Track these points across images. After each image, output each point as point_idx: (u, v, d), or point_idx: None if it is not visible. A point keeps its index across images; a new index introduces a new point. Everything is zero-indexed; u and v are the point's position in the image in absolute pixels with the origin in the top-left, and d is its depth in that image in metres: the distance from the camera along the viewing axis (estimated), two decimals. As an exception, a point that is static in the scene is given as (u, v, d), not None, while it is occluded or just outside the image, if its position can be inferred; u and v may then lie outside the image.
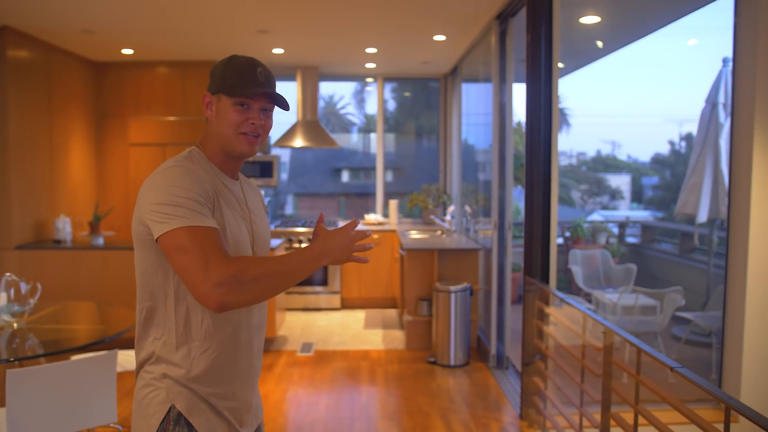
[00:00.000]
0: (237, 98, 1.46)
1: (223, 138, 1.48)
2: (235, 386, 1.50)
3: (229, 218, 1.46)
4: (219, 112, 1.48)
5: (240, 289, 1.28)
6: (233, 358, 1.49)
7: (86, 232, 5.52)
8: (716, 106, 5.31)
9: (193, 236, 1.31)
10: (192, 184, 1.39)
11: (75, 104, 6.09)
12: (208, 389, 1.44)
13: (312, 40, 5.67)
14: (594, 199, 29.32)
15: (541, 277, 3.79)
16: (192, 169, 1.44)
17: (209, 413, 1.44)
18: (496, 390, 4.39)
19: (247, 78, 1.46)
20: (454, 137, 7.11)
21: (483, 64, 5.63)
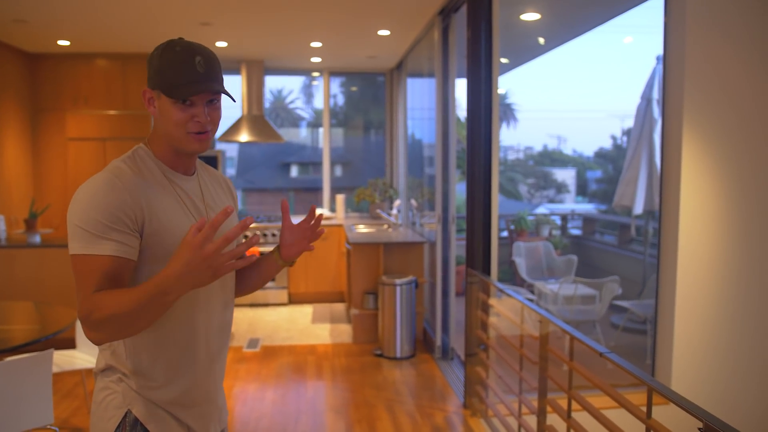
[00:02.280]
0: (177, 98, 1.35)
1: (170, 138, 1.39)
2: (194, 393, 1.44)
3: (169, 223, 1.37)
4: (161, 111, 1.38)
5: (93, 329, 1.23)
6: (189, 365, 1.43)
7: (22, 229, 5.33)
8: (651, 102, 5.52)
9: (80, 265, 1.27)
10: (110, 201, 1.29)
11: (8, 97, 5.86)
12: (164, 397, 1.40)
13: (256, 34, 5.61)
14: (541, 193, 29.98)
15: (483, 269, 3.87)
16: (121, 176, 1.34)
17: (167, 419, 1.40)
18: (441, 381, 4.46)
19: (186, 73, 1.34)
20: (400, 132, 7.16)
21: (427, 59, 5.69)
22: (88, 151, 6.27)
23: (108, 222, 1.27)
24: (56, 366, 3.36)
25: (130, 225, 1.30)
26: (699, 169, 3.37)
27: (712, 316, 3.42)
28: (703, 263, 3.42)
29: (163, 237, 1.34)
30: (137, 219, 1.31)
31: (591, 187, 31.07)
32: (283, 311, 6.57)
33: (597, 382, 2.13)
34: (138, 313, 1.19)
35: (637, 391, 3.70)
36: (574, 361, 2.39)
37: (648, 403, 1.85)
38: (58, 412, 3.84)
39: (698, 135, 3.36)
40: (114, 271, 1.27)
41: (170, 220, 1.37)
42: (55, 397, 4.08)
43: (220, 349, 1.52)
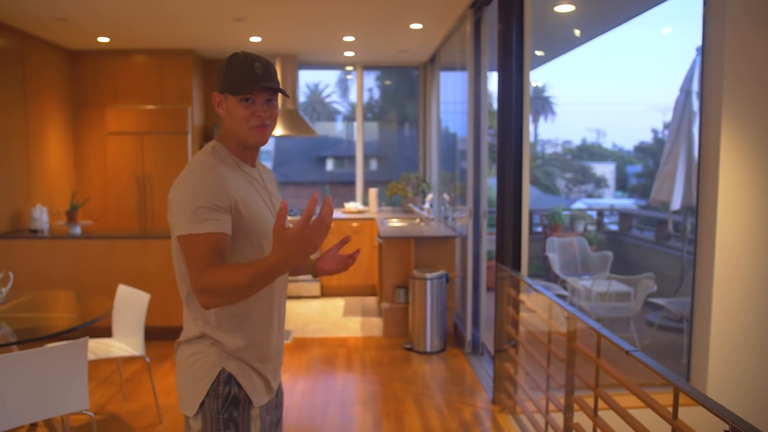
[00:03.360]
0: (241, 95, 1.60)
1: (237, 133, 1.64)
2: (270, 351, 1.72)
3: (252, 206, 1.63)
4: (229, 110, 1.63)
5: (210, 296, 1.50)
6: (266, 328, 1.71)
7: (63, 221, 5.49)
8: (690, 94, 5.38)
9: (192, 243, 1.51)
10: (208, 189, 1.55)
11: (51, 93, 6.04)
12: (248, 355, 1.67)
13: (289, 29, 5.66)
14: (579, 188, 29.48)
15: (513, 264, 3.84)
16: (213, 169, 1.59)
17: (252, 374, 1.67)
18: (471, 376, 4.45)
19: (247, 75, 1.59)
20: (433, 125, 7.13)
21: (460, 53, 5.65)
22: (126, 145, 6.42)
23: (210, 205, 1.53)
24: (93, 354, 3.46)
25: (225, 207, 1.56)
26: (737, 163, 3.27)
27: (751, 314, 3.32)
28: (742, 260, 3.33)
29: (247, 215, 1.61)
30: (230, 202, 1.57)
31: (631, 182, 30.42)
32: (315, 304, 6.63)
33: (623, 380, 2.10)
34: (250, 286, 1.47)
35: (668, 390, 3.63)
36: (603, 359, 2.35)
37: (674, 404, 1.82)
38: (95, 399, 3.96)
39: (737, 128, 3.27)
40: (219, 245, 1.53)
41: (251, 202, 1.64)
42: (92, 383, 4.21)
43: (283, 313, 1.82)
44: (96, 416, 3.72)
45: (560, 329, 2.85)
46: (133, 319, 3.63)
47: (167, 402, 3.92)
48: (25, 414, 2.63)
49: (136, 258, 5.15)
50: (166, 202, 1.64)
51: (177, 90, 6.51)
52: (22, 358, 2.57)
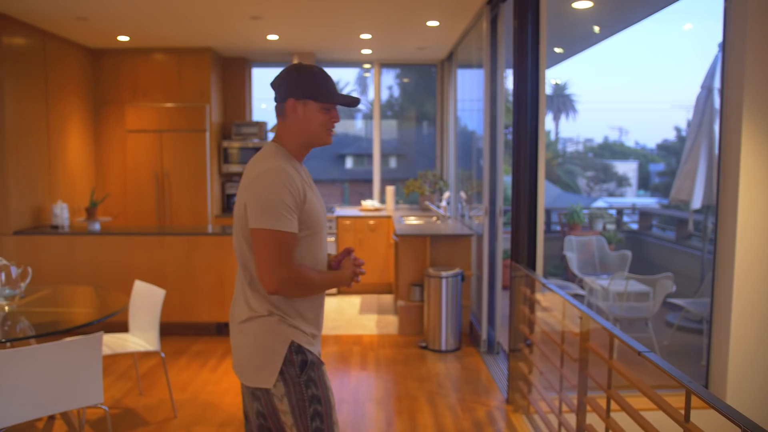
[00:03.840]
0: (326, 104, 1.87)
1: (309, 134, 1.88)
2: (321, 322, 2.01)
3: (313, 201, 1.88)
4: (307, 115, 1.86)
5: (293, 289, 1.82)
6: (320, 309, 2.00)
7: (83, 217, 5.57)
8: (712, 91, 5.29)
9: (274, 238, 1.76)
10: (287, 190, 1.78)
11: (72, 91, 6.12)
12: (310, 330, 1.93)
13: (305, 27, 5.67)
14: (600, 186, 29.14)
15: (528, 263, 3.80)
16: (286, 170, 1.80)
17: (313, 344, 1.93)
18: (486, 375, 4.42)
19: (332, 86, 1.88)
20: (450, 123, 7.10)
21: (477, 50, 5.61)
22: (145, 143, 6.49)
23: (292, 205, 1.78)
24: (109, 348, 3.51)
25: (298, 207, 1.81)
26: (759, 162, 3.21)
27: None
28: (763, 260, 3.27)
29: (311, 208, 1.86)
30: (300, 203, 1.81)
31: (653, 181, 29.99)
32: (332, 301, 6.65)
33: (635, 381, 2.07)
34: (317, 289, 1.90)
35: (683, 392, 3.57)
36: (619, 360, 2.32)
37: (686, 407, 1.78)
38: (112, 393, 4.01)
39: (758, 125, 3.20)
40: (292, 246, 1.80)
41: (312, 201, 1.87)
42: (109, 378, 4.27)
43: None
44: (112, 410, 3.76)
45: (573, 329, 2.82)
46: (148, 314, 3.67)
47: (182, 397, 3.96)
48: (41, 407, 2.67)
49: (153, 254, 5.20)
50: (238, 196, 1.88)
51: (195, 88, 6.56)
52: (38, 352, 2.61)
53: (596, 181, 29.11)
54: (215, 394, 4.02)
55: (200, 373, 4.40)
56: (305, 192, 1.83)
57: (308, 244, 1.88)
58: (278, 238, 1.76)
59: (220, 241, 5.22)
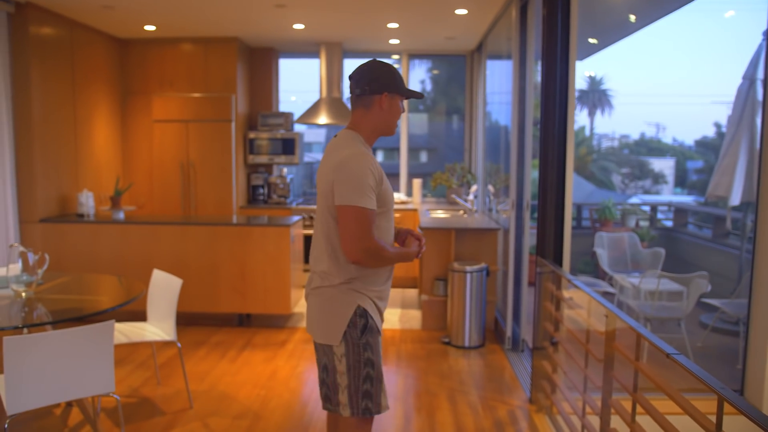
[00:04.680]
0: (402, 98, 2.18)
1: (387, 125, 2.17)
2: (387, 293, 2.26)
3: (387, 183, 2.16)
4: (392, 107, 2.16)
5: (372, 259, 2.10)
6: (389, 278, 2.25)
7: (108, 206, 5.59)
8: (754, 82, 5.05)
9: (359, 214, 2.04)
10: (370, 172, 2.06)
11: (99, 80, 6.15)
12: (376, 295, 2.20)
13: (331, 15, 5.58)
14: (636, 183, 28.47)
15: (554, 259, 3.66)
16: (368, 156, 2.09)
17: (375, 308, 2.19)
18: (509, 373, 4.29)
19: (402, 81, 2.19)
20: (479, 115, 6.95)
21: (507, 40, 5.46)
22: (171, 133, 6.49)
23: (373, 185, 2.06)
24: (125, 337, 3.48)
25: (378, 188, 2.09)
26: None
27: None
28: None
29: (386, 189, 2.15)
30: (379, 184, 2.10)
31: (690, 178, 29.20)
32: (355, 295, 6.57)
33: (662, 384, 1.94)
34: (390, 261, 2.18)
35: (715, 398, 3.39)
36: (648, 361, 2.19)
37: (718, 414, 1.65)
38: (130, 382, 4.00)
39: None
40: (373, 219, 2.08)
41: (386, 181, 2.16)
42: (128, 366, 4.26)
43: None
44: (129, 399, 3.75)
45: (600, 328, 2.69)
46: (166, 303, 3.63)
47: (198, 388, 3.92)
48: (53, 394, 2.64)
49: (176, 244, 5.19)
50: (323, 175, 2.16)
51: (221, 78, 6.54)
52: (49, 339, 2.58)
53: (631, 178, 28.46)
54: (232, 386, 3.98)
55: (219, 365, 4.37)
56: (382, 175, 2.11)
57: (382, 219, 2.15)
58: (362, 213, 2.03)
59: (242, 232, 5.18)
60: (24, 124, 5.12)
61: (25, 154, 5.14)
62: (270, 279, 5.15)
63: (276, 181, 7.00)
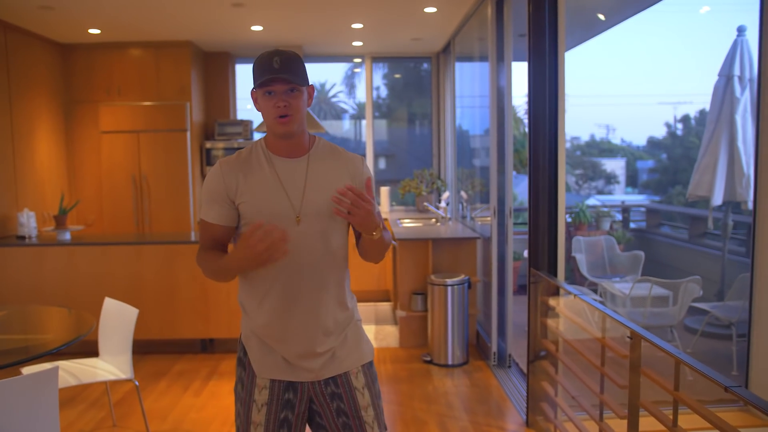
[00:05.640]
0: (261, 89, 1.72)
1: (267, 125, 1.76)
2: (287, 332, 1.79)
3: (258, 194, 1.76)
4: (258, 105, 1.76)
5: (201, 268, 1.85)
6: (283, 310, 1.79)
7: (52, 227, 5.10)
8: (731, 79, 4.92)
9: (200, 225, 1.86)
10: (211, 183, 1.80)
11: (39, 89, 5.64)
12: (264, 332, 1.81)
13: (292, 16, 5.23)
14: (589, 184, 28.87)
15: (548, 269, 3.41)
16: (221, 167, 1.80)
17: (263, 348, 1.83)
18: (498, 392, 4.01)
19: (264, 69, 1.69)
20: (448, 120, 6.70)
21: (478, 40, 5.21)
22: (121, 144, 6.02)
23: (211, 196, 1.79)
24: (75, 378, 3.06)
25: (220, 200, 1.78)
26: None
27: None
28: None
29: (253, 209, 1.76)
30: (224, 196, 1.78)
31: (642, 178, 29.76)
32: (325, 311, 6.21)
33: (692, 403, 1.67)
34: (215, 273, 1.82)
35: (724, 408, 3.18)
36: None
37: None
38: (82, 425, 3.55)
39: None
40: (206, 232, 1.83)
41: (258, 194, 1.77)
42: (80, 407, 3.81)
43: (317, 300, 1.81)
44: (81, 446, 3.31)
45: (616, 348, 2.42)
46: (120, 336, 3.22)
47: (161, 428, 3.51)
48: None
49: (130, 265, 4.74)
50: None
51: (175, 85, 6.11)
52: (-20, 393, 2.16)
53: (585, 179, 28.83)
54: (199, 424, 3.57)
55: (182, 398, 3.95)
56: (241, 188, 1.80)
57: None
58: (200, 226, 1.90)
59: (203, 250, 4.77)
60: (-47, 138, 4.60)
61: (-45, 171, 4.62)
62: (234, 300, 4.74)
63: (236, 193, 6.59)
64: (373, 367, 1.92)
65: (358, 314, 1.96)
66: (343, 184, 1.74)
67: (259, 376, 1.81)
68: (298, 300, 1.78)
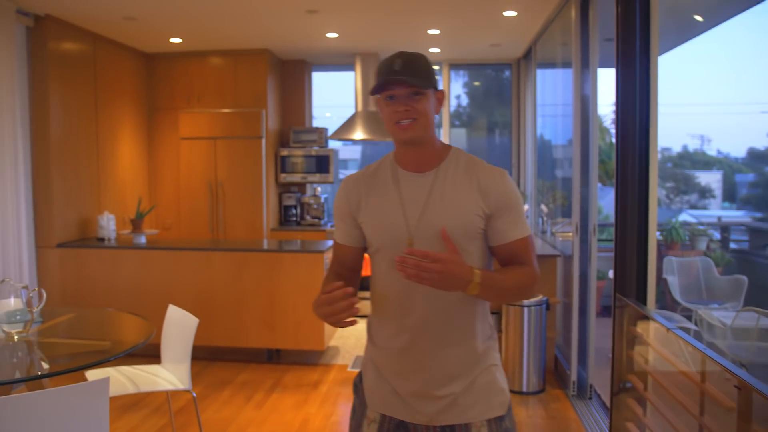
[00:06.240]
0: (382, 93, 1.57)
1: (390, 134, 1.61)
2: (402, 366, 1.63)
3: (377, 214, 1.62)
4: (380, 112, 1.61)
5: None
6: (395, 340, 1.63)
7: (128, 230, 5.19)
8: None
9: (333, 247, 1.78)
10: (337, 201, 1.72)
11: (123, 97, 5.80)
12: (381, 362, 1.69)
13: (367, 22, 5.11)
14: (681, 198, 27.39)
15: (637, 295, 3.08)
16: (346, 183, 1.71)
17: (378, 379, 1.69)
18: (578, 427, 3.68)
19: (384, 71, 1.55)
20: (529, 129, 6.39)
21: (561, 45, 4.91)
22: (199, 150, 6.10)
23: (338, 213, 1.71)
24: (134, 386, 3.02)
25: (347, 217, 1.68)
26: None
27: None
28: None
29: (371, 228, 1.63)
30: (349, 213, 1.67)
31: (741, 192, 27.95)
32: (395, 325, 6.02)
33: None
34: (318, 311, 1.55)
35: None
36: None
37: None
38: (143, 431, 3.53)
39: None
40: (335, 255, 1.75)
41: (376, 213, 1.63)
42: (142, 412, 3.79)
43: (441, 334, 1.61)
44: (140, 455, 3.27)
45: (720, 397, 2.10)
46: (180, 345, 3.16)
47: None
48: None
49: (200, 271, 4.74)
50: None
51: (251, 92, 6.13)
52: (29, 401, 2.11)
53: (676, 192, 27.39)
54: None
55: (243, 410, 3.87)
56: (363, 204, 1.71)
57: (378, 260, 1.71)
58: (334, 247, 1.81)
59: (272, 258, 4.71)
60: (42, 142, 4.77)
61: (42, 174, 4.78)
62: (301, 311, 4.65)
63: (309, 201, 6.55)
64: (505, 424, 1.64)
65: (496, 358, 1.68)
66: (469, 204, 1.57)
67: (371, 408, 1.70)
68: (420, 334, 1.59)
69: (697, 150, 34.90)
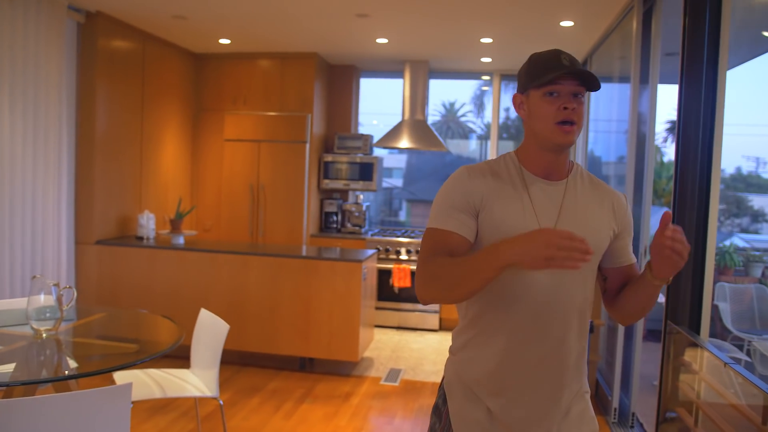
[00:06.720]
0: (545, 87, 1.44)
1: (538, 135, 1.48)
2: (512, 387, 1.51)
3: (503, 217, 1.49)
4: (531, 109, 1.49)
5: (422, 285, 1.45)
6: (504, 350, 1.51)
7: (167, 230, 5.20)
8: None
9: (428, 236, 1.52)
10: (453, 189, 1.53)
11: (170, 96, 5.84)
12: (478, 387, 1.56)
13: (417, 28, 5.01)
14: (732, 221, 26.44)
15: (690, 323, 2.88)
16: (468, 173, 1.54)
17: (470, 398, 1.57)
18: (618, 458, 3.49)
19: (551, 65, 1.44)
20: (579, 144, 6.17)
21: (619, 59, 4.71)
22: (242, 153, 6.09)
23: (453, 203, 1.51)
24: (161, 390, 2.97)
25: (468, 210, 1.50)
26: None
27: None
28: None
29: (492, 229, 1.49)
30: (472, 207, 1.50)
31: (799, 218, 26.81)
32: (432, 339, 5.89)
33: None
34: (454, 279, 1.37)
35: None
36: None
37: None
38: (170, 437, 3.48)
39: None
40: (444, 244, 1.48)
41: (503, 212, 1.49)
42: (170, 415, 3.75)
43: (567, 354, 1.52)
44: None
45: None
46: (210, 351, 3.10)
47: (246, 451, 3.35)
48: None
49: (236, 275, 4.71)
50: None
51: (298, 96, 6.10)
52: (51, 403, 2.07)
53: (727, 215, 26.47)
54: (284, 451, 3.39)
55: (272, 420, 3.79)
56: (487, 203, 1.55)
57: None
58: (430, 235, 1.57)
59: (309, 265, 4.64)
60: (86, 138, 4.81)
61: (85, 170, 4.82)
62: (336, 320, 4.56)
63: (351, 208, 6.47)
64: None
65: (587, 384, 1.62)
66: (601, 222, 1.53)
67: (456, 429, 1.57)
68: (533, 353, 1.49)
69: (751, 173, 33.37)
